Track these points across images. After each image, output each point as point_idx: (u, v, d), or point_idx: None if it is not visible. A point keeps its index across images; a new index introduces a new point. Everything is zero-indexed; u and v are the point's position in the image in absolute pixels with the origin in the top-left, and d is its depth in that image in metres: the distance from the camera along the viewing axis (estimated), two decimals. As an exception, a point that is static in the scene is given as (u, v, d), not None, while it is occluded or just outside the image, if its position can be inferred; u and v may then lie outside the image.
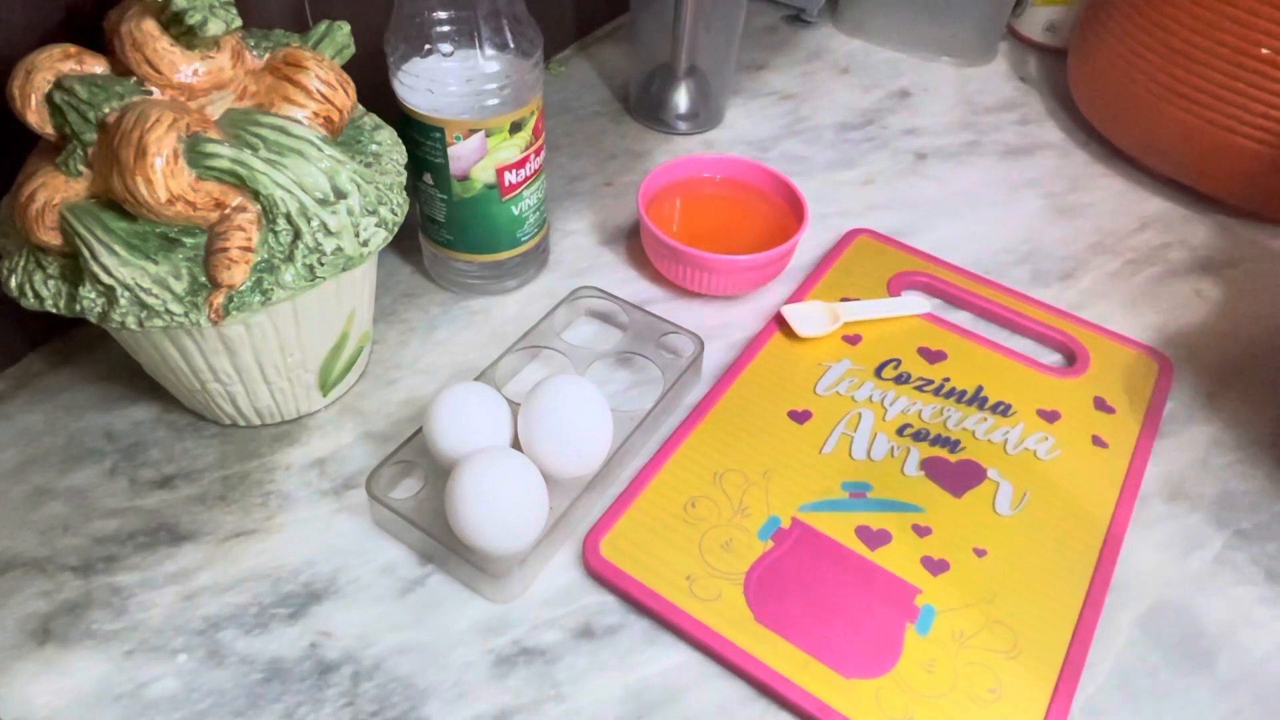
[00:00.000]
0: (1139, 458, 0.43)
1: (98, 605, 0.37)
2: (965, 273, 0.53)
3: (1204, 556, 0.41)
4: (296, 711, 0.34)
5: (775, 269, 0.51)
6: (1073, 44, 0.66)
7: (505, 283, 0.51)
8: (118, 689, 0.35)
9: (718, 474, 0.42)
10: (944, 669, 0.35)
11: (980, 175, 0.62)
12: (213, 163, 0.34)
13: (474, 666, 0.36)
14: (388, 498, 0.39)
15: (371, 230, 0.37)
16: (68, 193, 0.35)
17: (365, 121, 0.41)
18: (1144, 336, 0.50)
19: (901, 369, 0.47)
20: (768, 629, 0.36)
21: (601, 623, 0.37)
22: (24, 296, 0.36)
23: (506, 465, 0.37)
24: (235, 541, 0.39)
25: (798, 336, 0.48)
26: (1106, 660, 0.37)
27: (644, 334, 0.47)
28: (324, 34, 0.39)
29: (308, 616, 0.37)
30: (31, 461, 0.42)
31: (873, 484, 0.42)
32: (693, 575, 0.38)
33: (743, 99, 0.68)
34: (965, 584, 0.38)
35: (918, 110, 0.68)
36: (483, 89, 0.43)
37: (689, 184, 0.55)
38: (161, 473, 0.42)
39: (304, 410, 0.44)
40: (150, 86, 0.34)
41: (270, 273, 0.35)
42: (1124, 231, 0.58)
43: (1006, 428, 0.44)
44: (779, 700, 0.35)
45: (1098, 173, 0.63)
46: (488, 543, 0.36)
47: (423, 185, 0.47)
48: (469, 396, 0.40)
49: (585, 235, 0.56)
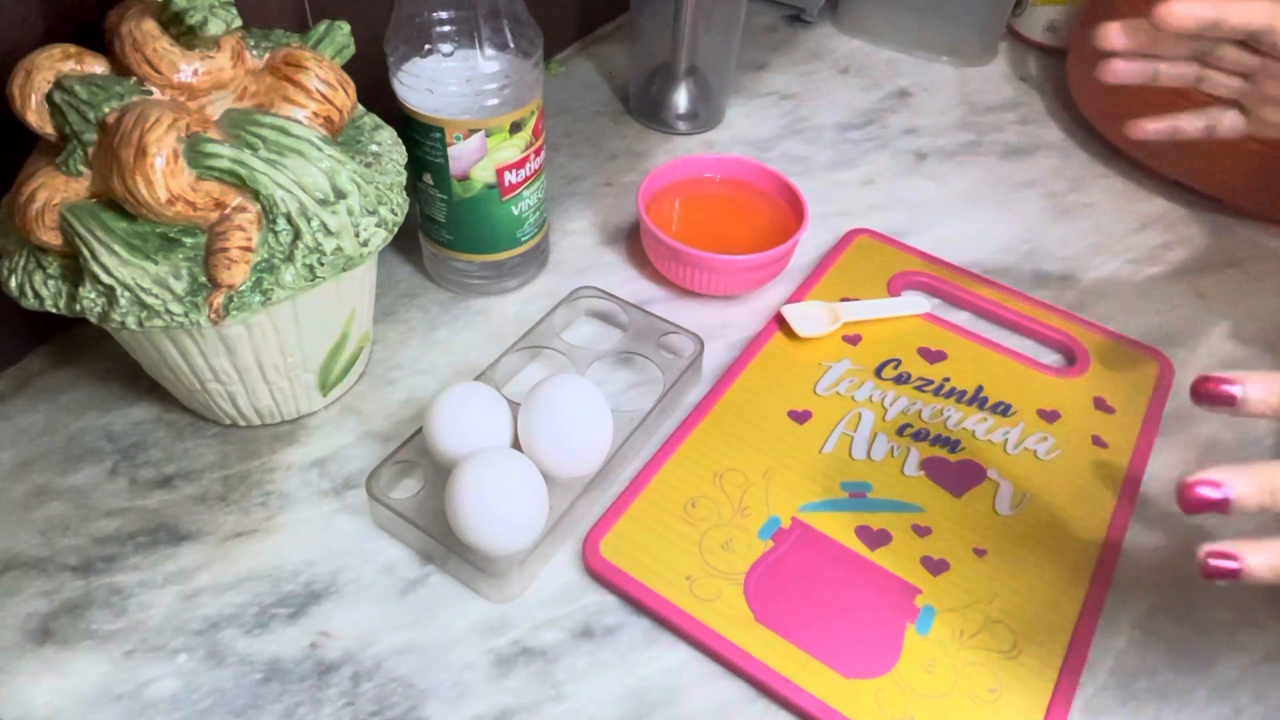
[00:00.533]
0: (1139, 458, 0.43)
1: (98, 605, 0.37)
2: (965, 273, 0.53)
3: (1204, 556, 0.41)
4: (296, 711, 0.34)
5: (775, 269, 0.51)
6: (1073, 44, 0.66)
7: (505, 283, 0.51)
8: (118, 689, 0.35)
9: (718, 474, 0.42)
10: (944, 669, 0.35)
11: (980, 175, 0.62)
12: (213, 163, 0.34)
13: (474, 666, 0.36)
14: (388, 498, 0.39)
15: (371, 230, 0.37)
16: (68, 193, 0.35)
17: (365, 121, 0.41)
18: (1144, 336, 0.50)
19: (901, 369, 0.47)
20: (767, 629, 0.36)
21: (601, 623, 0.37)
22: (24, 296, 0.36)
23: (506, 465, 0.37)
24: (235, 541, 0.39)
25: (798, 336, 0.48)
26: (1106, 660, 0.37)
27: (644, 334, 0.47)
28: (324, 34, 0.39)
29: (308, 616, 0.37)
30: (31, 461, 0.42)
31: (873, 484, 0.42)
32: (693, 575, 0.38)
33: (743, 99, 0.68)
34: (965, 584, 0.38)
35: (918, 110, 0.68)
36: (483, 89, 0.43)
37: (689, 184, 0.55)
38: (161, 473, 0.42)
39: (304, 410, 0.44)
40: (150, 86, 0.34)
41: (270, 273, 0.35)
42: (1124, 231, 0.58)
43: (1006, 428, 0.44)
44: (779, 700, 0.35)
45: (1098, 173, 0.63)
46: (488, 543, 0.36)
47: (423, 185, 0.47)
48: (469, 396, 0.40)
49: (585, 235, 0.56)
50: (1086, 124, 0.66)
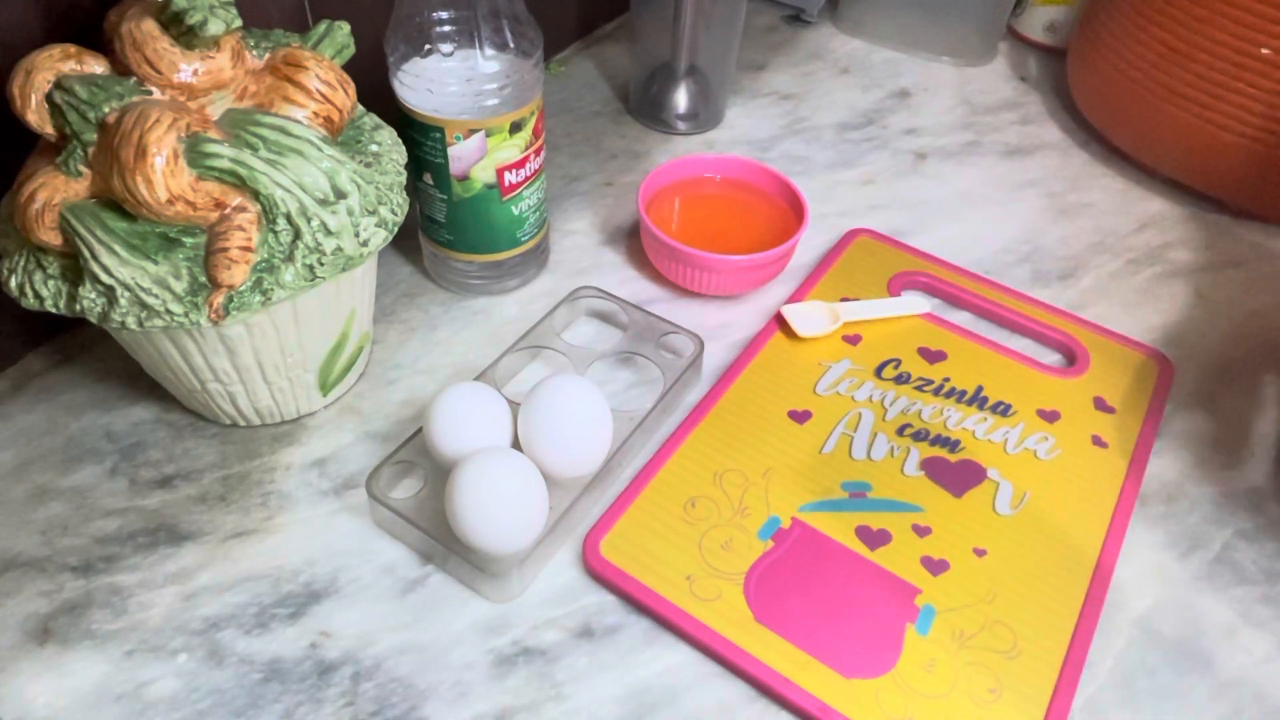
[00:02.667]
0: (1139, 458, 0.43)
1: (98, 605, 0.37)
2: (965, 273, 0.53)
3: (1204, 556, 0.41)
4: (296, 711, 0.34)
5: (775, 269, 0.51)
6: (1073, 44, 0.66)
7: (505, 283, 0.51)
8: (118, 689, 0.35)
9: (718, 474, 0.42)
10: (944, 669, 0.35)
11: (980, 175, 0.62)
12: (213, 163, 0.34)
13: (474, 666, 0.36)
14: (388, 498, 0.39)
15: (371, 230, 0.37)
16: (68, 193, 0.35)
17: (365, 121, 0.41)
18: (1144, 336, 0.50)
19: (901, 369, 0.47)
20: (768, 629, 0.36)
21: (601, 623, 0.37)
22: (24, 296, 0.36)
23: (506, 465, 0.37)
24: (235, 541, 0.39)
25: (798, 336, 0.48)
26: (1106, 660, 0.37)
27: (644, 334, 0.47)
28: (324, 34, 0.39)
29: (308, 616, 0.37)
30: (31, 461, 0.42)
31: (873, 484, 0.42)
32: (693, 575, 0.38)
33: (743, 99, 0.68)
34: (965, 584, 0.38)
35: (918, 110, 0.68)
36: (483, 89, 0.43)
37: (689, 184, 0.55)
38: (161, 473, 0.42)
39: (304, 410, 0.44)
40: (150, 86, 0.34)
41: (270, 273, 0.35)
42: (1124, 231, 0.58)
43: (1006, 428, 0.44)
44: (779, 700, 0.35)
45: (1098, 173, 0.63)
46: (488, 543, 0.36)
47: (423, 185, 0.47)
48: (469, 396, 0.40)
49: (585, 235, 0.56)
50: (1086, 124, 0.66)
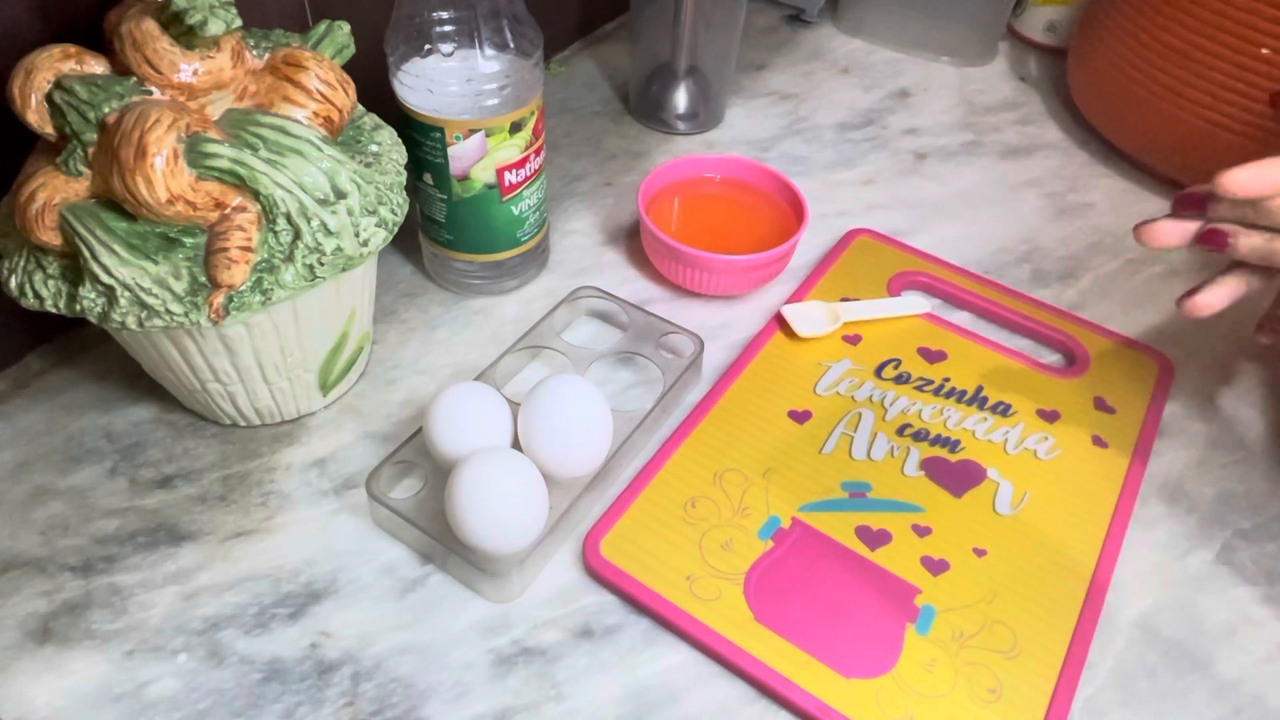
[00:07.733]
0: (1139, 458, 0.43)
1: (98, 605, 0.37)
2: (965, 273, 0.53)
3: (1204, 556, 0.41)
4: (296, 711, 0.34)
5: (775, 269, 0.51)
6: (1073, 44, 0.66)
7: (505, 283, 0.51)
8: (118, 689, 0.35)
9: (718, 474, 0.42)
10: (944, 669, 0.35)
11: (980, 175, 0.62)
12: (213, 163, 0.34)
13: (474, 666, 0.36)
14: (388, 498, 0.39)
15: (371, 230, 0.37)
16: (68, 193, 0.34)
17: (365, 121, 0.41)
18: (1144, 336, 0.50)
19: (901, 369, 0.47)
20: (768, 629, 0.36)
21: (601, 623, 0.37)
22: (24, 296, 0.36)
23: (506, 465, 0.37)
24: (235, 541, 0.39)
25: (798, 336, 0.48)
26: (1106, 660, 0.37)
27: (644, 334, 0.47)
28: (324, 34, 0.39)
29: (308, 616, 0.37)
30: (31, 461, 0.42)
31: (873, 484, 0.42)
32: (693, 575, 0.38)
33: (743, 99, 0.68)
34: (965, 584, 0.38)
35: (918, 110, 0.68)
36: (483, 89, 0.43)
37: (689, 184, 0.55)
38: (161, 473, 0.42)
39: (304, 410, 0.44)
40: (150, 86, 0.34)
41: (270, 273, 0.35)
42: (1124, 231, 0.58)
43: (1006, 428, 0.44)
44: (779, 700, 0.35)
45: (1098, 173, 0.63)
46: (488, 543, 0.36)
47: (423, 185, 0.47)
48: (469, 396, 0.40)
49: (585, 235, 0.56)
50: (1086, 124, 0.66)
